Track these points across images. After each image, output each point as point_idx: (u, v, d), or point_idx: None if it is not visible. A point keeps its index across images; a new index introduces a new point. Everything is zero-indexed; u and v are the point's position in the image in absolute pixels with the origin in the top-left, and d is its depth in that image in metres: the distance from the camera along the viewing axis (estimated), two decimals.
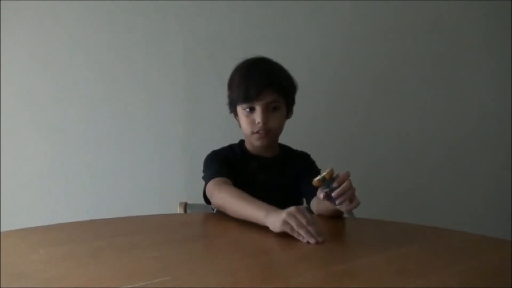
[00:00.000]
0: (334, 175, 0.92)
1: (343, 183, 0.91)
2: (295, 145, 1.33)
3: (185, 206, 1.25)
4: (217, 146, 1.28)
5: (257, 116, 1.16)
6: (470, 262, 0.81)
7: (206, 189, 1.13)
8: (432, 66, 1.79)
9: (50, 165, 1.66)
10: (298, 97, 1.27)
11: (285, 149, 1.31)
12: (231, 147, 1.28)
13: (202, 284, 0.66)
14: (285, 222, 0.87)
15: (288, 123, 1.29)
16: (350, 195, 0.92)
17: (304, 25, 1.71)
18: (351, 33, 1.74)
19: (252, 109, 1.17)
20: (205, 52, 1.68)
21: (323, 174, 0.92)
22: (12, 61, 1.61)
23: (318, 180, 0.92)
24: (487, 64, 1.81)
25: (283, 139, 1.31)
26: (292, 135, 1.34)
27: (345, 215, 0.98)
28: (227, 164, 1.19)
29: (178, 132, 1.71)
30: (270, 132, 1.18)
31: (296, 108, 1.28)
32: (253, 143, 1.22)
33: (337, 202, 0.92)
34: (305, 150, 1.32)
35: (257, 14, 1.69)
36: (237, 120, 1.24)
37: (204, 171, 1.21)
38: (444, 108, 1.81)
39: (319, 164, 1.28)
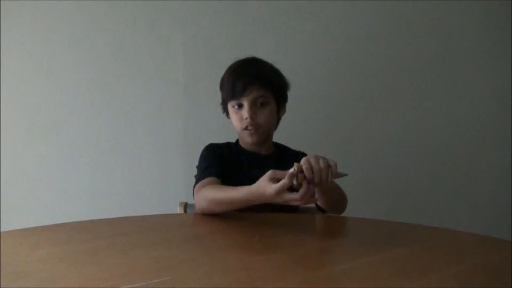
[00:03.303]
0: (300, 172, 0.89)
1: (306, 173, 0.88)
2: (293, 145, 1.33)
3: (185, 206, 1.25)
4: None
5: (245, 111, 1.17)
6: (470, 262, 0.81)
7: (194, 191, 1.14)
8: (431, 65, 1.79)
9: (50, 165, 1.67)
10: (297, 96, 1.27)
11: (281, 148, 1.31)
12: (228, 144, 1.29)
13: (202, 284, 0.66)
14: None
15: (287, 123, 1.29)
16: (323, 172, 0.88)
17: (304, 25, 1.71)
18: (350, 33, 1.74)
19: (240, 106, 1.18)
20: (205, 52, 1.68)
21: (298, 181, 0.88)
22: (12, 61, 1.61)
23: (298, 184, 0.88)
24: (487, 64, 1.81)
25: (281, 139, 1.31)
26: (291, 135, 1.34)
27: (339, 178, 0.94)
28: (219, 160, 1.20)
29: (178, 132, 1.71)
30: (259, 127, 1.19)
31: (295, 108, 1.27)
32: (245, 140, 1.23)
33: (316, 181, 0.89)
34: (304, 150, 1.31)
35: (257, 14, 1.69)
36: (230, 119, 1.25)
37: (196, 167, 1.22)
38: (444, 108, 1.81)
39: None
